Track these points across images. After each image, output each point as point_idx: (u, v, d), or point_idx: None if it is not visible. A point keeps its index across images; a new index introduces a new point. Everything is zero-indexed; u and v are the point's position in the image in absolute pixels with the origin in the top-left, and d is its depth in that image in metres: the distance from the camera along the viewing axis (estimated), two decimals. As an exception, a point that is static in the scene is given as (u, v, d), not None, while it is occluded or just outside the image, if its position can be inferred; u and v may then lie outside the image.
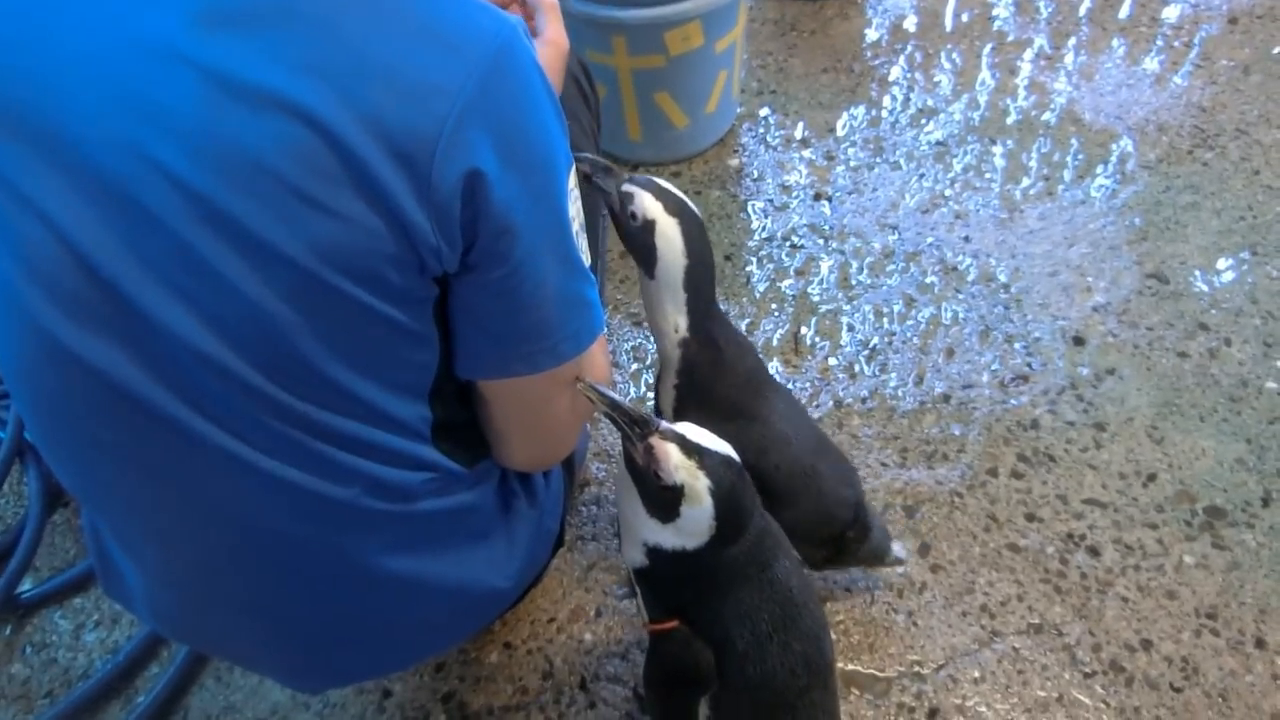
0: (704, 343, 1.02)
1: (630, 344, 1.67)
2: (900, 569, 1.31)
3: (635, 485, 0.89)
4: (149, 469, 0.74)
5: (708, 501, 0.84)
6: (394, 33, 0.65)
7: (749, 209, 1.92)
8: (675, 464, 0.83)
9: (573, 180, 0.79)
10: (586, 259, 0.81)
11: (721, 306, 1.06)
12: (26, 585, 1.38)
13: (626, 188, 0.97)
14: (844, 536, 1.12)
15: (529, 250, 0.72)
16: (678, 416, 1.05)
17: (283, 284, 0.66)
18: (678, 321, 1.00)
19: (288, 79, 0.62)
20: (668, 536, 0.89)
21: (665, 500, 0.86)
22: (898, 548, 1.20)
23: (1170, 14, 2.37)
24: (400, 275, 0.69)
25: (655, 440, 0.84)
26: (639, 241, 0.98)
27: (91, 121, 0.63)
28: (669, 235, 0.96)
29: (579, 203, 0.80)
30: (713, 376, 1.03)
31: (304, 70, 0.62)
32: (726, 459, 0.86)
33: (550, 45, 0.93)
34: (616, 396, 0.84)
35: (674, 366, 1.04)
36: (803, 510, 1.04)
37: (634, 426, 0.84)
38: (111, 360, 0.67)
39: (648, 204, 0.96)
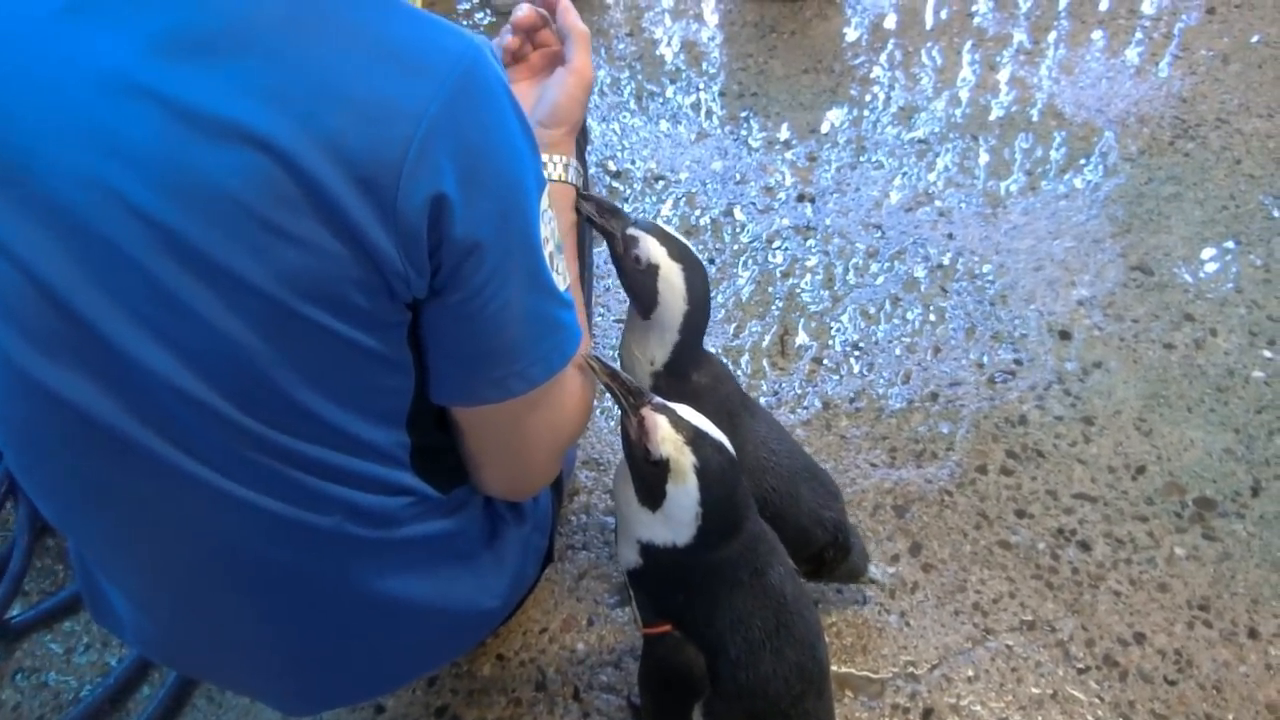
0: (676, 377, 1.02)
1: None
2: (891, 569, 1.31)
3: (630, 466, 0.89)
4: (126, 501, 0.74)
5: (692, 480, 0.84)
6: (355, 57, 0.64)
7: (733, 212, 1.92)
8: (662, 436, 0.84)
9: (545, 202, 0.77)
10: (562, 281, 0.79)
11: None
12: (15, 610, 1.37)
13: (631, 232, 0.97)
14: (823, 555, 1.13)
15: (494, 273, 0.71)
16: None
17: (251, 313, 0.65)
18: (655, 355, 1.01)
19: (247, 108, 0.61)
20: (659, 531, 0.89)
21: (652, 478, 0.86)
22: (874, 569, 1.20)
23: (1148, 5, 2.38)
24: (368, 300, 0.68)
25: (647, 411, 0.85)
26: (641, 285, 0.98)
27: (55, 156, 0.63)
28: (672, 281, 0.97)
29: (553, 224, 0.79)
30: None
31: (264, 99, 0.62)
32: (719, 445, 0.86)
33: (575, 74, 0.93)
34: (616, 368, 0.86)
35: None
36: (781, 532, 1.04)
37: (629, 397, 0.86)
38: (84, 394, 0.67)
39: (653, 249, 0.96)
